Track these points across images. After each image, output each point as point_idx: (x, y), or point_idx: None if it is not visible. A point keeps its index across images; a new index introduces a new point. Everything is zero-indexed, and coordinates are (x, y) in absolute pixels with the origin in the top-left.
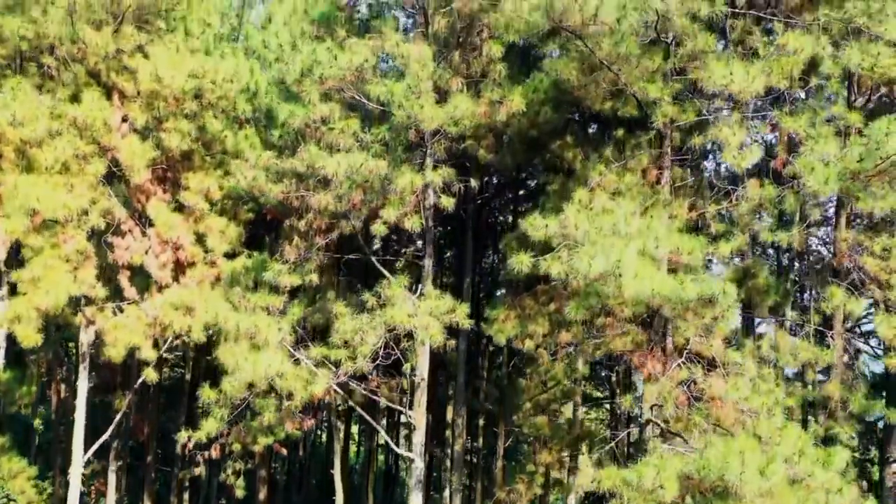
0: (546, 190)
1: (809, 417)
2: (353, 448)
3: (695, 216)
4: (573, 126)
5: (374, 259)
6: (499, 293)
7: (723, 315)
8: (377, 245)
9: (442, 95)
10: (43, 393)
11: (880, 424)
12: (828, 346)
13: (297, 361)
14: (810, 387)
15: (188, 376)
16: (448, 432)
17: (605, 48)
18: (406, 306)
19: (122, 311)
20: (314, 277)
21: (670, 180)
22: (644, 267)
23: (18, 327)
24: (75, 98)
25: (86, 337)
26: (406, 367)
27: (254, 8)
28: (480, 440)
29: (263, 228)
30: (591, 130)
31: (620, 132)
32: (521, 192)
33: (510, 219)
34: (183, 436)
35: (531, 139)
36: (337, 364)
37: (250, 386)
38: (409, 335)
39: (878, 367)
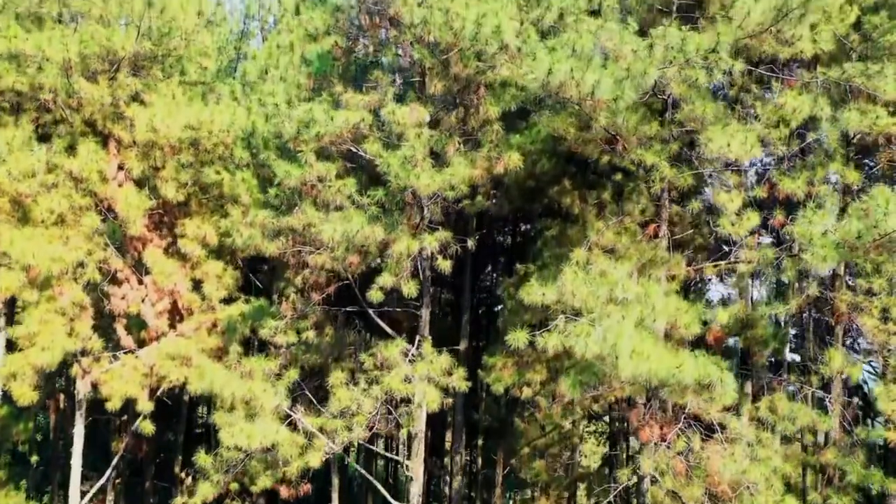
0: (544, 234)
1: (808, 484)
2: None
3: (693, 273)
4: (571, 171)
5: (371, 312)
6: (499, 320)
7: (720, 396)
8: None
9: (438, 157)
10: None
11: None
12: (826, 411)
13: (292, 424)
14: (810, 449)
15: (186, 398)
16: (447, 459)
17: (602, 120)
18: (403, 368)
19: (117, 358)
20: (311, 335)
21: (668, 233)
22: (641, 342)
23: (14, 385)
24: (71, 148)
25: (82, 385)
26: (403, 432)
27: (252, 39)
28: (479, 461)
29: (261, 265)
30: (589, 177)
31: (619, 176)
32: (519, 234)
33: (510, 256)
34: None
35: (528, 187)
36: (334, 433)
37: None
38: (407, 399)
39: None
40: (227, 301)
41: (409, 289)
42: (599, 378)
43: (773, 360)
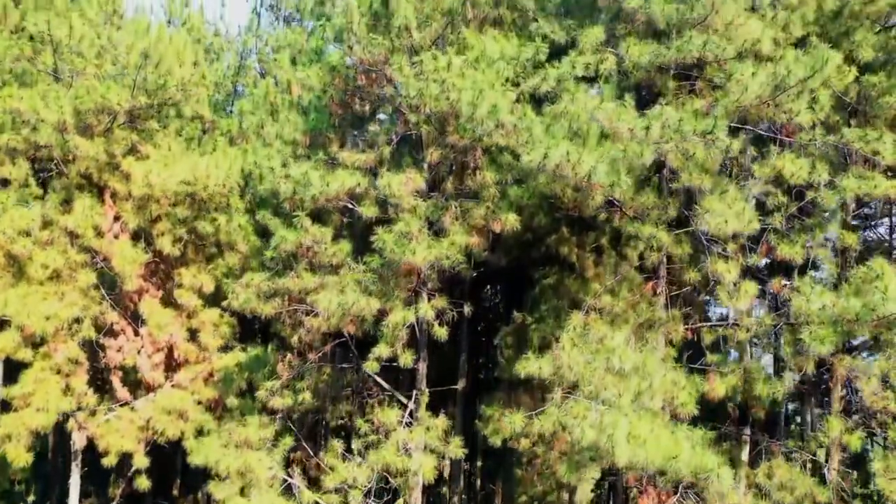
0: (541, 282)
1: None
2: None
3: (691, 334)
4: (568, 219)
5: (367, 370)
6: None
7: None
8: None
9: (434, 225)
10: None
11: None
12: (824, 481)
13: (288, 488)
14: None
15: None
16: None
17: (599, 198)
18: (400, 433)
19: (112, 410)
20: (307, 396)
21: (666, 288)
22: (638, 423)
23: (9, 446)
24: (67, 202)
25: (78, 438)
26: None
27: (248, 73)
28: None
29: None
30: (586, 224)
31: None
32: (516, 277)
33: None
34: None
35: (526, 239)
36: None
37: None
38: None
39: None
40: (225, 349)
41: (406, 359)
42: (596, 460)
43: (771, 418)
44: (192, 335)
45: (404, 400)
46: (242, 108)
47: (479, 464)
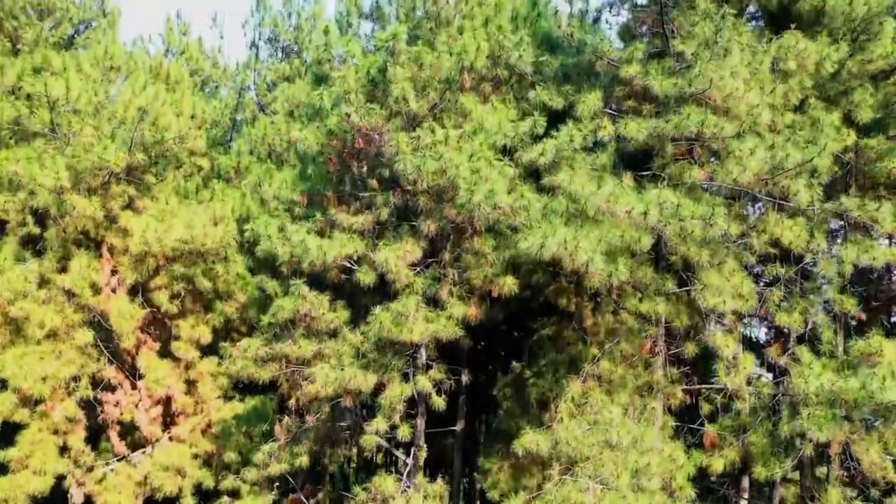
0: (540, 333)
1: None
2: None
3: (690, 399)
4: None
5: (366, 427)
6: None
7: None
8: None
9: (432, 298)
10: None
11: None
12: None
13: None
14: None
15: None
16: None
17: (596, 282)
18: (398, 501)
19: (109, 464)
20: (304, 461)
21: (665, 349)
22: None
23: None
24: (64, 257)
25: (76, 493)
26: None
27: (246, 108)
28: None
29: None
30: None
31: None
32: (515, 330)
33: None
34: None
35: (524, 296)
36: None
37: None
38: None
39: None
40: (223, 398)
41: (404, 432)
42: None
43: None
44: (190, 386)
45: (402, 456)
46: (240, 148)
47: None
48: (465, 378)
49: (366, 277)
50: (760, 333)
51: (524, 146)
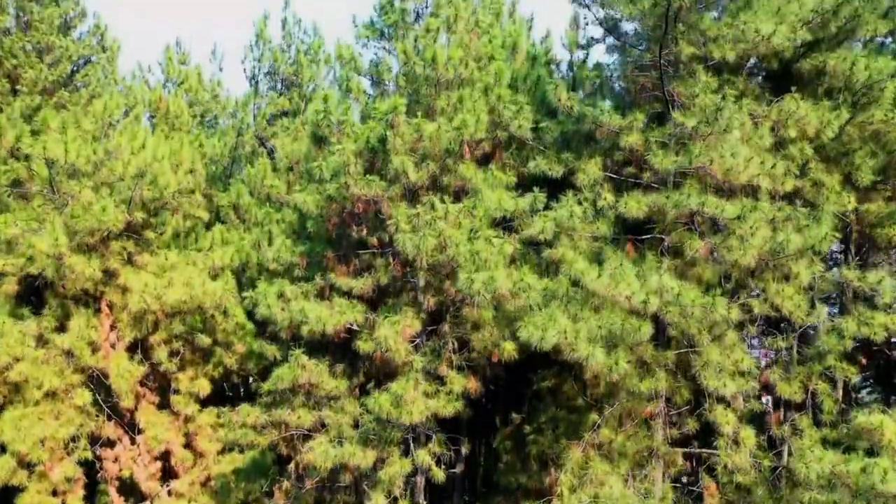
0: (540, 385)
1: None
2: None
3: (690, 467)
4: None
5: (366, 501)
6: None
7: None
8: None
9: (431, 374)
10: None
11: None
12: None
13: None
14: None
15: None
16: None
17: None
18: None
19: None
20: None
21: (665, 410)
22: None
23: None
24: (64, 315)
25: None
26: None
27: (246, 145)
28: None
29: None
30: None
31: None
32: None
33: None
34: None
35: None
36: None
37: None
38: None
39: None
40: (223, 451)
41: None
42: None
43: None
44: (190, 438)
45: None
46: (240, 191)
47: None
48: (464, 450)
49: (365, 346)
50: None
51: (524, 220)
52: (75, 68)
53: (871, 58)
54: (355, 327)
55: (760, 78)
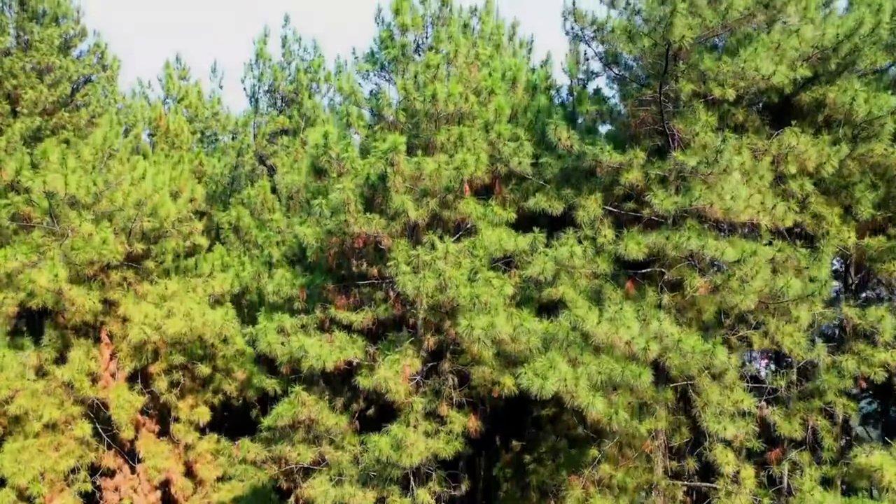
0: (540, 414)
1: None
2: None
3: (690, 501)
4: None
5: None
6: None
7: None
8: None
9: (432, 413)
10: None
11: None
12: None
13: None
14: None
15: None
16: None
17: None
18: None
19: None
20: None
21: (665, 442)
22: None
23: None
24: (64, 345)
25: None
26: None
27: (246, 164)
28: None
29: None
30: None
31: None
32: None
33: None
34: None
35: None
36: None
37: None
38: None
39: None
40: (222, 479)
41: None
42: None
43: None
44: (189, 466)
45: None
46: (240, 213)
47: None
48: (463, 487)
49: (366, 382)
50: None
51: (525, 258)
52: (75, 87)
53: (871, 91)
54: (356, 362)
55: (760, 107)
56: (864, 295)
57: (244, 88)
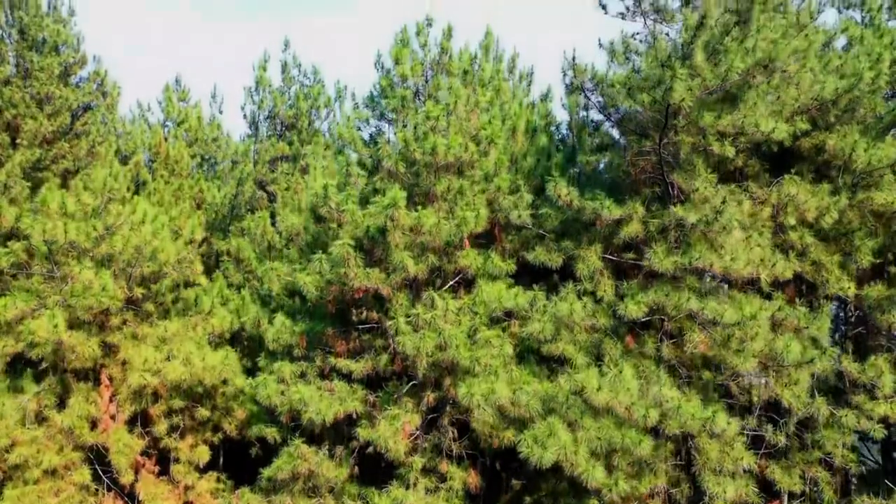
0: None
1: None
2: None
3: None
4: None
5: None
6: None
7: None
8: None
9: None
10: None
11: None
12: None
13: None
14: None
15: None
16: None
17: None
18: None
19: None
20: None
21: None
22: None
23: None
24: (64, 389)
25: None
26: None
27: (246, 193)
28: None
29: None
30: None
31: None
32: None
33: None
34: None
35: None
36: None
37: None
38: None
39: None
40: None
41: None
42: None
43: None
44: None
45: None
46: (241, 245)
47: None
48: None
49: (365, 434)
50: None
51: (525, 314)
52: (75, 115)
53: (870, 140)
54: (356, 414)
55: (760, 152)
56: (864, 345)
57: (244, 116)
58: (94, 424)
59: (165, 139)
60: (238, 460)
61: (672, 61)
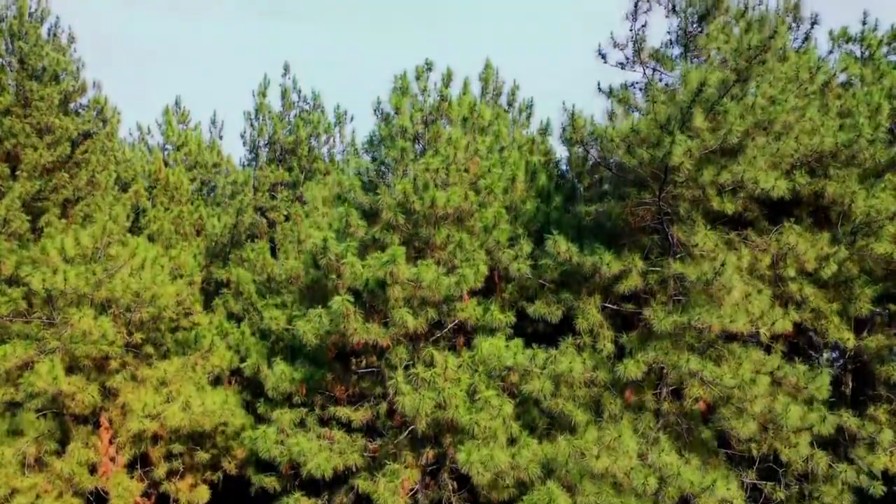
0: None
1: None
2: None
3: None
4: None
5: None
6: None
7: None
8: None
9: None
10: None
11: None
12: None
13: None
14: None
15: None
16: None
17: None
18: None
19: None
20: None
21: None
22: None
23: None
24: (63, 433)
25: None
26: None
27: (246, 222)
28: None
29: None
30: None
31: None
32: None
33: None
34: None
35: None
36: None
37: None
38: None
39: None
40: None
41: None
42: None
43: None
44: None
45: None
46: (241, 276)
47: None
48: None
49: (365, 486)
50: None
51: (524, 372)
52: (75, 143)
53: (869, 190)
54: (355, 468)
55: (760, 199)
56: (862, 396)
57: (244, 143)
58: (93, 469)
59: (165, 164)
60: (238, 500)
61: (671, 124)
